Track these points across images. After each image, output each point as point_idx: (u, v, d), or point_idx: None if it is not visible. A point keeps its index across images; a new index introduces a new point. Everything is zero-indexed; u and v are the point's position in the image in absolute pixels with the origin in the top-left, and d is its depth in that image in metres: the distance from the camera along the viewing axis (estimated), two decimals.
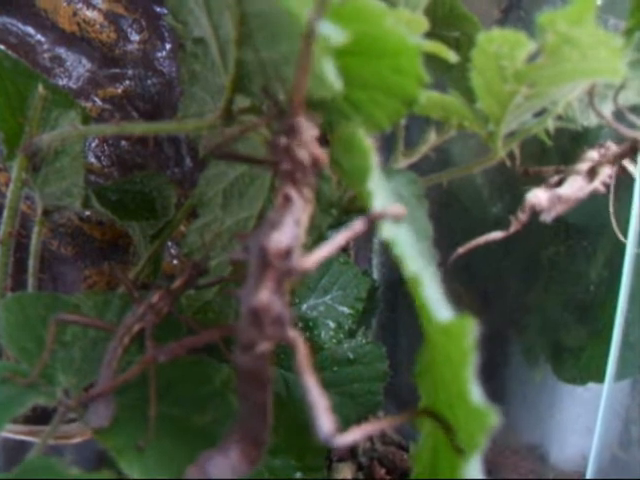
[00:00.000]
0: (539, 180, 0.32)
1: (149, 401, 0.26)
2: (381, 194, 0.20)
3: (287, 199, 0.21)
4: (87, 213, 0.53)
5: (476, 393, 0.20)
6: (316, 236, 0.31)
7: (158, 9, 0.56)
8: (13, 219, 0.43)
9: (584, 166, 0.31)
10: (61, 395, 0.28)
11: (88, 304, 0.34)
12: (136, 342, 0.28)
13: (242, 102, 0.29)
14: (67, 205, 0.43)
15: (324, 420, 0.20)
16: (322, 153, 0.21)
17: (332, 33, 0.17)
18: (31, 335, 0.31)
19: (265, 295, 0.21)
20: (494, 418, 0.19)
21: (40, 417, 0.43)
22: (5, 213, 0.42)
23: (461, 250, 0.29)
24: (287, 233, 0.21)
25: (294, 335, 0.22)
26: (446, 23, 0.41)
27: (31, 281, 0.46)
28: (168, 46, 0.56)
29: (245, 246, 0.22)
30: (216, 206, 0.36)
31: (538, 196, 0.29)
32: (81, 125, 0.38)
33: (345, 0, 0.18)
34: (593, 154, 0.32)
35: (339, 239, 0.22)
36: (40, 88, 0.42)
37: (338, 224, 0.34)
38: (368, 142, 0.20)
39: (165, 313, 0.28)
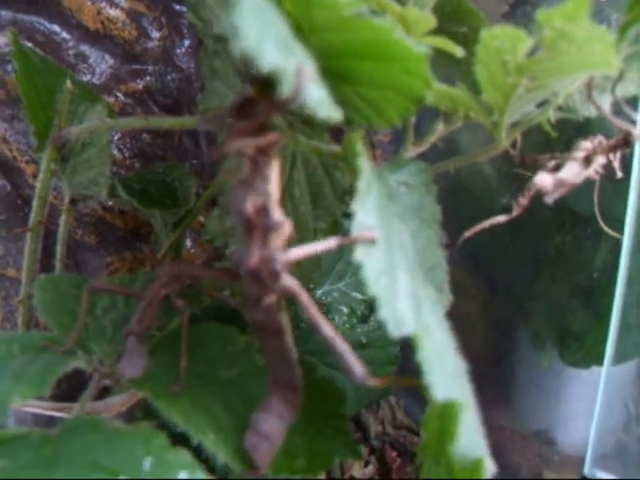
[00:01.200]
0: (538, 168, 0.34)
1: (179, 361, 0.28)
2: (362, 214, 0.22)
3: (252, 160, 0.22)
4: (110, 203, 0.55)
5: None
6: (331, 222, 0.33)
7: (177, 7, 0.58)
8: (42, 208, 0.45)
9: (580, 154, 0.33)
10: (96, 362, 0.30)
11: (115, 282, 0.37)
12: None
13: None
14: (94, 194, 0.45)
15: (355, 365, 0.21)
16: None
17: (318, 103, 0.19)
18: (65, 310, 0.33)
19: (256, 255, 0.23)
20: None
21: (66, 395, 0.45)
22: (35, 202, 0.45)
23: (467, 234, 0.31)
24: (258, 192, 0.23)
25: (291, 283, 0.24)
26: (454, 18, 0.42)
27: (58, 266, 0.48)
28: (187, 42, 0.58)
29: (229, 212, 0.24)
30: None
31: (544, 179, 0.31)
32: (108, 118, 0.40)
33: (355, 15, 0.20)
34: (587, 144, 0.34)
35: (316, 247, 0.24)
36: (68, 83, 0.45)
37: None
38: (365, 160, 0.22)
39: (187, 284, 0.30)
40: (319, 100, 0.20)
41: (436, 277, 0.29)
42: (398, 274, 0.23)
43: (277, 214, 0.23)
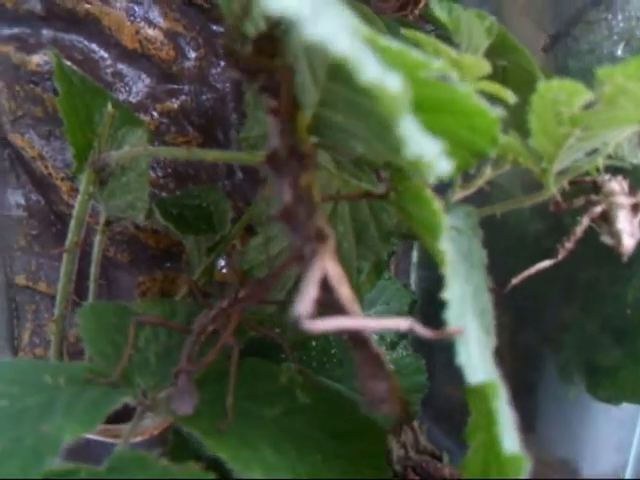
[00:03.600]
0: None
1: (224, 397, 0.28)
2: (451, 253, 0.22)
3: (271, 111, 0.23)
4: (143, 222, 0.55)
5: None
6: (375, 262, 0.33)
7: (215, 27, 0.58)
8: (79, 229, 0.45)
9: (623, 200, 0.33)
10: (140, 395, 0.31)
11: (155, 312, 0.37)
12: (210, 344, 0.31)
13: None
14: (130, 217, 0.45)
15: (303, 302, 0.20)
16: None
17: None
18: (107, 340, 0.33)
19: (288, 199, 0.23)
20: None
21: None
22: (72, 223, 0.45)
23: (515, 281, 0.31)
24: (277, 136, 0.23)
25: (322, 227, 0.23)
26: (496, 52, 0.43)
27: (92, 287, 0.49)
28: (222, 63, 0.59)
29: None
30: (275, 225, 0.38)
31: (630, 244, 0.32)
32: (149, 145, 0.41)
33: (425, 78, 0.20)
34: (614, 185, 0.34)
35: None
36: (109, 106, 0.45)
37: None
38: (436, 201, 0.22)
39: (236, 319, 0.30)
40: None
41: (485, 321, 0.29)
42: (468, 319, 0.23)
43: (305, 148, 0.23)
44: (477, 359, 0.23)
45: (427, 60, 0.20)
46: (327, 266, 0.24)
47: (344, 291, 0.26)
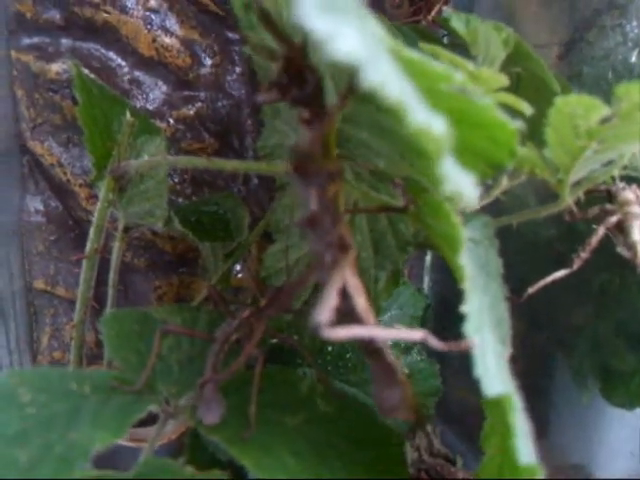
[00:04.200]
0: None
1: (246, 405, 0.29)
2: (470, 267, 0.22)
3: (304, 121, 0.23)
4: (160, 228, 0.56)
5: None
6: (393, 271, 0.33)
7: (230, 35, 0.59)
8: (99, 236, 0.46)
9: (637, 209, 0.34)
10: (163, 403, 0.31)
11: (176, 319, 0.38)
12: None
13: None
14: (149, 224, 0.46)
15: (323, 311, 0.20)
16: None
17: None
18: (130, 347, 0.34)
19: (315, 207, 0.23)
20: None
21: None
22: (92, 230, 0.46)
23: (531, 290, 0.31)
24: (307, 141, 0.22)
25: (345, 237, 0.24)
26: (511, 61, 0.43)
27: (111, 292, 0.49)
28: (238, 69, 0.59)
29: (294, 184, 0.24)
30: (294, 233, 0.38)
31: None
32: (168, 155, 0.41)
33: (445, 90, 0.20)
34: (629, 194, 0.34)
35: None
36: (128, 115, 0.45)
37: None
38: (455, 214, 0.23)
39: (260, 329, 0.31)
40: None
41: (501, 331, 0.29)
42: (485, 331, 0.24)
43: (334, 158, 0.23)
44: (494, 371, 0.24)
45: (449, 73, 0.21)
46: (347, 276, 0.25)
47: (361, 301, 0.26)
